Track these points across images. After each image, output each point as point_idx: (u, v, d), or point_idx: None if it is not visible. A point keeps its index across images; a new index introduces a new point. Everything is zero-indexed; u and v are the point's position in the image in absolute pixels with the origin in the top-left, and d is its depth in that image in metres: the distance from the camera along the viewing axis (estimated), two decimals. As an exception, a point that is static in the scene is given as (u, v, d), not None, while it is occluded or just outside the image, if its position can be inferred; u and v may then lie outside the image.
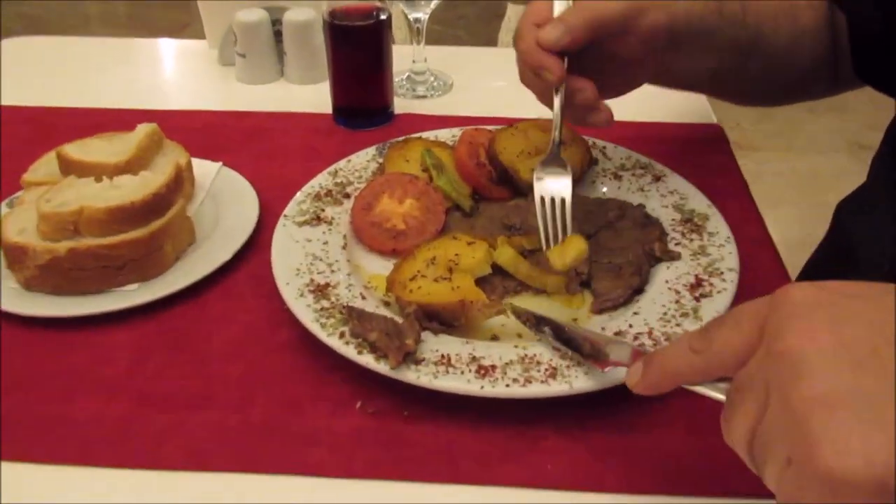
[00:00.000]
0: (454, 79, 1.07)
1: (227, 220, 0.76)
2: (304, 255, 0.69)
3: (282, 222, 0.72)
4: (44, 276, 0.67)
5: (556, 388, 0.55)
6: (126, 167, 0.75)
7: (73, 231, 0.67)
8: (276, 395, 0.60)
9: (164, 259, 0.70)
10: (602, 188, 0.80)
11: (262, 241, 0.74)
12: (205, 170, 0.83)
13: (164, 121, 0.83)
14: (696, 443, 0.56)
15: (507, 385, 0.55)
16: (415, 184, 0.76)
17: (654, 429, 0.57)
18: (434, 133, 0.85)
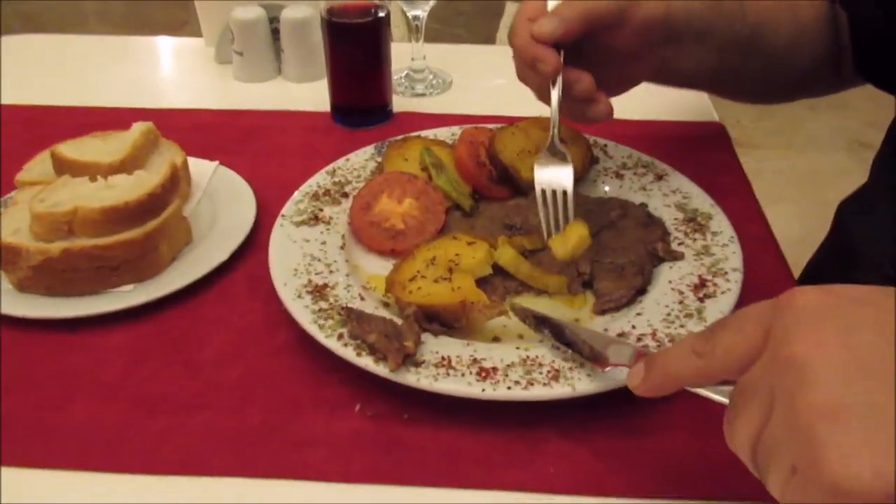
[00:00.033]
0: (453, 77, 1.07)
1: (224, 220, 0.76)
2: (301, 255, 0.68)
3: (279, 222, 0.72)
4: (37, 277, 0.66)
5: (559, 390, 0.55)
6: (121, 166, 0.74)
7: (67, 231, 0.67)
8: (273, 397, 0.60)
9: (160, 260, 0.70)
10: (604, 187, 0.79)
11: (259, 242, 0.73)
12: (201, 169, 0.82)
13: (159, 119, 0.82)
14: (700, 445, 0.55)
15: (509, 387, 0.55)
16: (414, 183, 0.75)
17: (657, 431, 0.57)
18: (433, 132, 0.85)
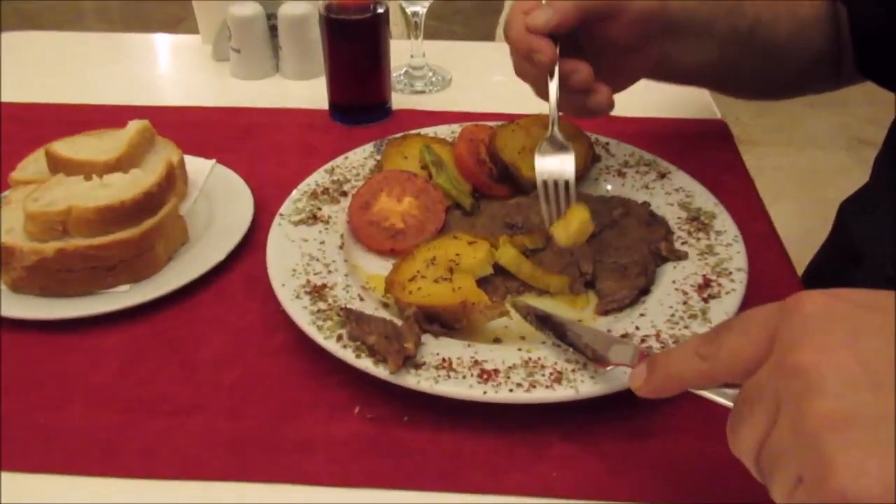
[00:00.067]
0: (453, 74, 1.07)
1: (221, 220, 0.75)
2: (300, 255, 0.67)
3: (277, 221, 0.71)
4: (31, 277, 0.65)
5: (562, 392, 0.54)
6: (116, 165, 0.73)
7: (61, 231, 0.66)
8: (271, 399, 0.59)
9: (156, 260, 0.69)
10: (605, 185, 0.79)
11: (256, 241, 0.72)
12: (198, 167, 0.81)
13: (156, 117, 0.82)
14: (705, 448, 0.55)
15: (511, 390, 0.54)
16: (414, 181, 0.74)
17: (661, 434, 0.56)
18: (433, 129, 0.84)
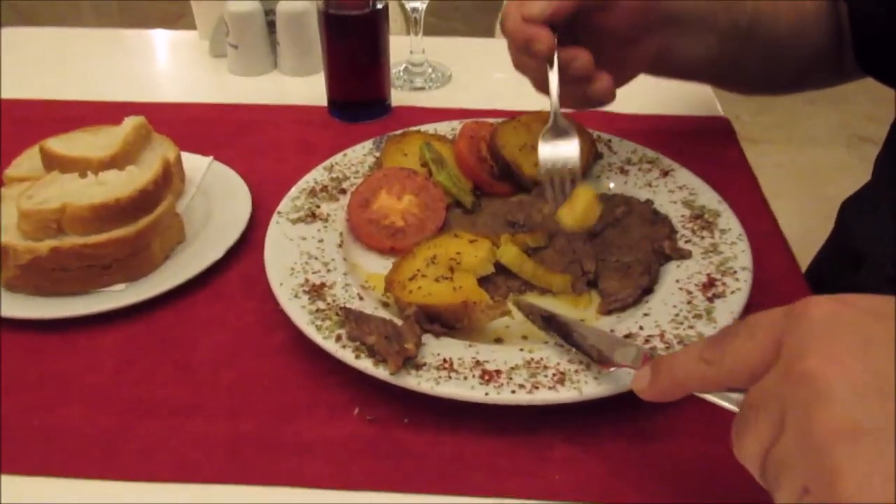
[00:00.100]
0: (453, 70, 1.06)
1: (218, 218, 0.74)
2: (298, 253, 0.67)
3: (275, 219, 0.70)
4: (25, 276, 0.65)
5: (565, 394, 0.53)
6: (112, 162, 0.73)
7: (55, 229, 0.65)
8: (269, 401, 0.58)
9: (152, 258, 0.68)
10: (608, 183, 0.78)
11: (254, 240, 0.72)
12: (195, 164, 0.81)
13: (152, 114, 0.81)
14: (711, 451, 0.54)
15: (513, 391, 0.53)
16: (414, 179, 0.74)
17: (666, 436, 0.55)
18: (433, 126, 0.84)
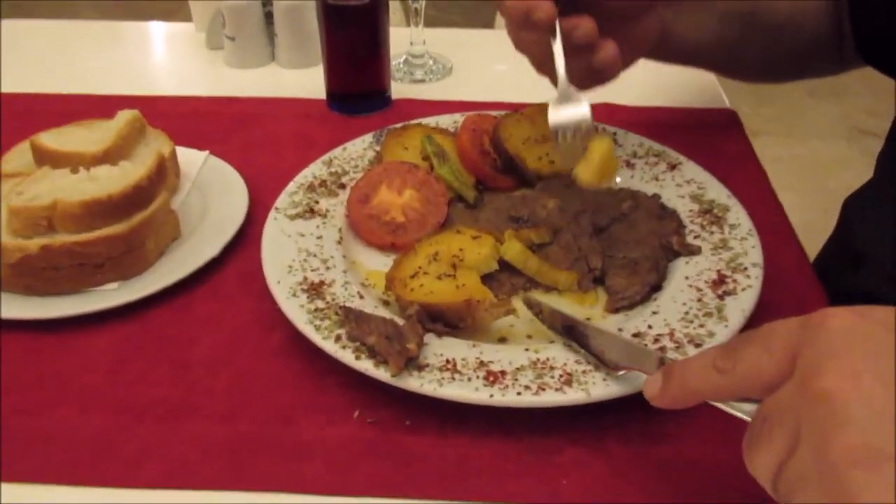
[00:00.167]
0: (454, 62, 1.06)
1: (215, 214, 0.74)
2: (296, 250, 0.66)
3: (273, 215, 0.70)
4: (15, 275, 0.64)
5: (572, 395, 0.52)
6: (104, 157, 0.72)
7: (46, 227, 0.65)
8: (267, 403, 0.58)
9: (146, 256, 0.67)
10: (614, 177, 0.76)
11: (251, 236, 0.71)
12: (190, 159, 0.80)
13: (147, 107, 0.81)
14: (723, 455, 0.53)
15: (519, 393, 0.52)
16: (415, 173, 0.73)
17: (676, 440, 0.54)
18: (434, 119, 0.83)
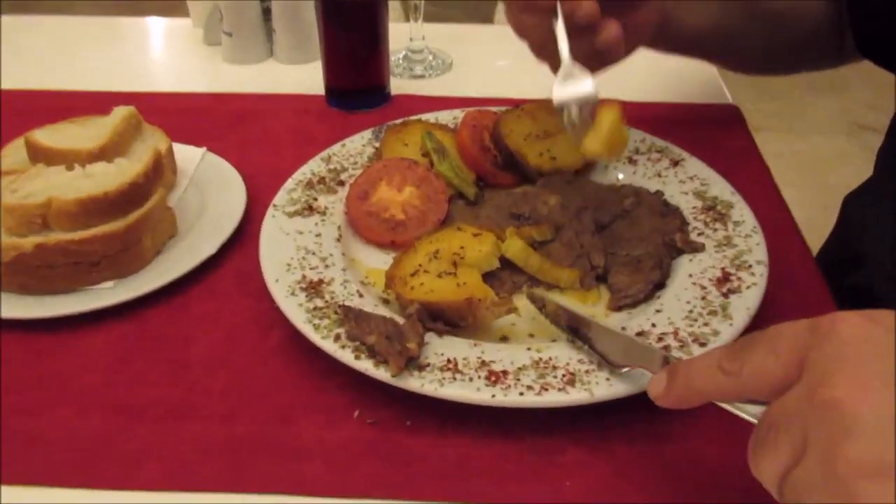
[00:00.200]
0: (454, 58, 1.05)
1: (212, 211, 0.73)
2: (295, 248, 0.65)
3: (271, 213, 0.69)
4: (10, 274, 0.64)
5: (575, 396, 0.52)
6: (100, 154, 0.71)
7: (41, 225, 0.64)
8: (265, 404, 0.57)
9: (143, 254, 0.67)
10: (616, 173, 0.76)
11: (249, 234, 0.71)
12: (187, 156, 0.80)
13: (143, 103, 0.80)
14: (727, 455, 0.52)
15: (521, 393, 0.52)
16: (414, 170, 0.72)
17: (680, 440, 0.54)
18: (434, 115, 0.82)
